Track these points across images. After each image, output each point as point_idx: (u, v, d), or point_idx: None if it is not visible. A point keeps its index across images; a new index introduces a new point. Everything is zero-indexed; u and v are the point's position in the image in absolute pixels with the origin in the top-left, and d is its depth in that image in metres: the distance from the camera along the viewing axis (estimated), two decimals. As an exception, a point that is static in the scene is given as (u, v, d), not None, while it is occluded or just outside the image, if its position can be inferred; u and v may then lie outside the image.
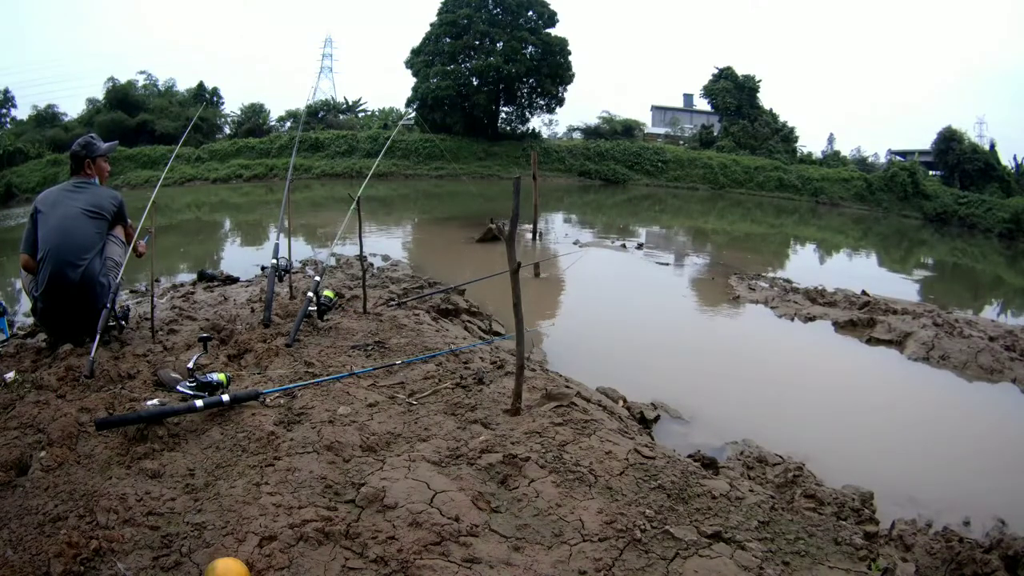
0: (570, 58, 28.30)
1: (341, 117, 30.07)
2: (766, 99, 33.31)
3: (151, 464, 1.25)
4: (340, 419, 1.49)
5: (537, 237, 8.87)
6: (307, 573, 0.89)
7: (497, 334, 3.77)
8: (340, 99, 32.01)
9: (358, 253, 3.82)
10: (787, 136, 31.57)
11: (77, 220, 2.49)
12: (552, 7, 27.15)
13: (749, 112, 30.70)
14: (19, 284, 2.76)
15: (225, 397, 1.53)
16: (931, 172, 29.67)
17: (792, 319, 5.30)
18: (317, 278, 2.85)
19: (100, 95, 29.59)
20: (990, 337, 4.64)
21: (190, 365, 1.83)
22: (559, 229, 11.19)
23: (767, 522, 1.08)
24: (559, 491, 1.13)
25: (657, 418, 2.85)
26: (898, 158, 32.23)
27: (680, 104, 40.14)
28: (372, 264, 5.42)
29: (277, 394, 1.69)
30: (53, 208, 2.49)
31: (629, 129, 32.44)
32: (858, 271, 10.33)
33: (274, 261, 3.01)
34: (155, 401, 1.64)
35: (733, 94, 30.53)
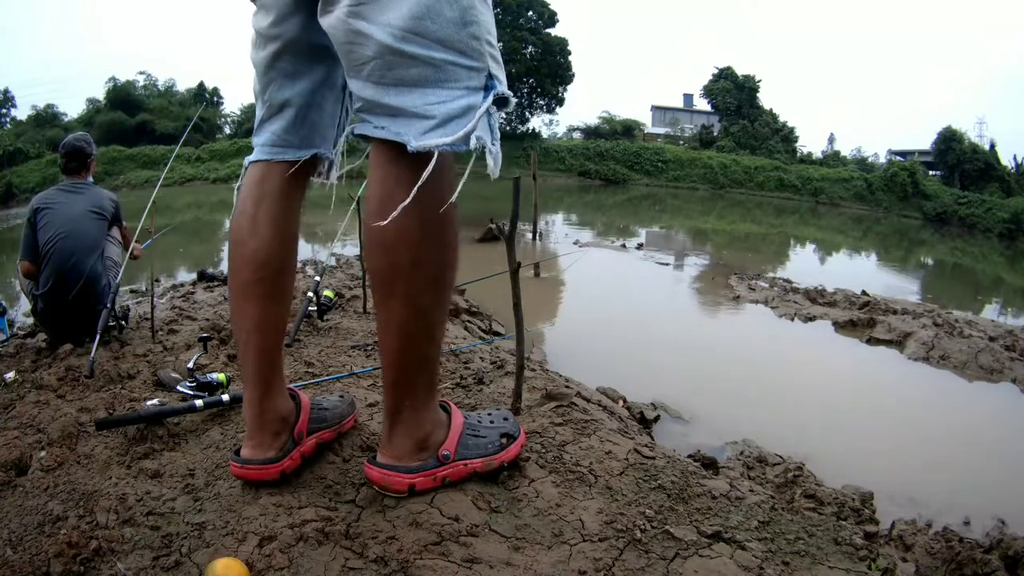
0: (570, 58, 28.30)
1: (341, 117, 30.03)
2: (766, 99, 33.35)
3: (151, 464, 1.25)
4: (340, 419, 1.49)
5: (537, 237, 8.87)
6: (307, 573, 0.88)
7: (497, 334, 3.77)
8: (340, 99, 32.01)
9: (358, 253, 3.82)
10: (787, 136, 31.57)
11: (83, 221, 2.48)
12: (552, 7, 27.13)
13: (749, 112, 30.70)
14: (18, 285, 2.76)
15: (225, 397, 1.52)
16: (931, 172, 29.66)
17: (792, 319, 5.31)
18: (317, 278, 2.85)
19: (100, 95, 29.55)
20: (990, 337, 4.64)
21: (190, 365, 1.83)
22: (559, 229, 11.20)
23: (767, 522, 1.08)
24: (559, 491, 1.13)
25: (657, 418, 2.86)
26: (898, 158, 32.23)
27: (680, 104, 40.14)
28: (372, 264, 5.41)
29: (277, 394, 1.69)
30: (56, 209, 2.47)
31: (629, 129, 32.43)
32: (858, 271, 10.34)
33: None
34: (155, 401, 1.63)
35: (733, 94, 30.53)
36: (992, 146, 29.40)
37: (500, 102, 0.93)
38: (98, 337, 2.15)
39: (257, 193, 1.12)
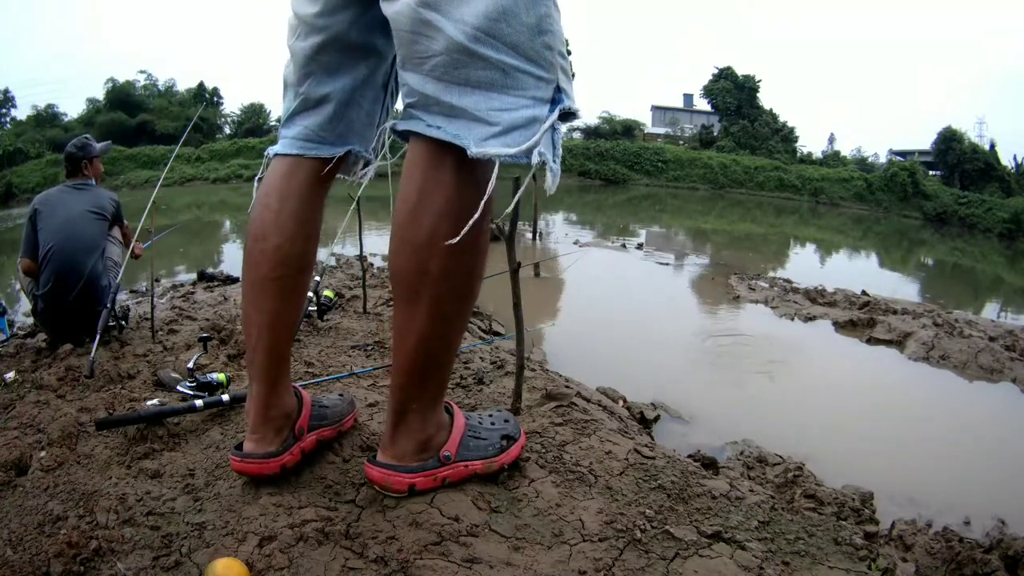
0: (570, 58, 28.22)
1: (341, 117, 30.08)
2: (766, 99, 33.34)
3: (151, 464, 1.25)
4: (340, 419, 1.48)
5: (537, 237, 8.87)
6: (307, 573, 0.88)
7: (497, 334, 3.77)
8: (340, 99, 32.00)
9: (358, 253, 3.82)
10: (787, 136, 31.55)
11: (82, 221, 2.49)
12: (552, 7, 27.04)
13: (749, 112, 30.68)
14: (19, 285, 2.76)
15: (225, 397, 1.52)
16: (931, 172, 29.64)
17: (792, 319, 5.31)
18: (317, 278, 2.85)
19: (100, 95, 29.51)
20: (990, 337, 4.64)
21: (190, 365, 1.83)
22: (559, 229, 11.20)
23: (767, 522, 1.08)
24: (559, 491, 1.13)
25: (657, 418, 2.85)
26: (898, 158, 32.22)
27: (680, 104, 40.11)
28: (372, 264, 5.42)
29: (277, 394, 1.69)
30: (55, 209, 2.48)
31: (629, 129, 32.38)
32: (858, 271, 10.34)
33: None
34: (155, 401, 1.63)
35: (733, 94, 30.52)
36: (992, 146, 29.41)
37: (567, 116, 0.89)
38: (98, 337, 2.16)
39: (284, 188, 1.08)
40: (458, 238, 0.87)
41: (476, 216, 0.89)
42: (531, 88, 0.86)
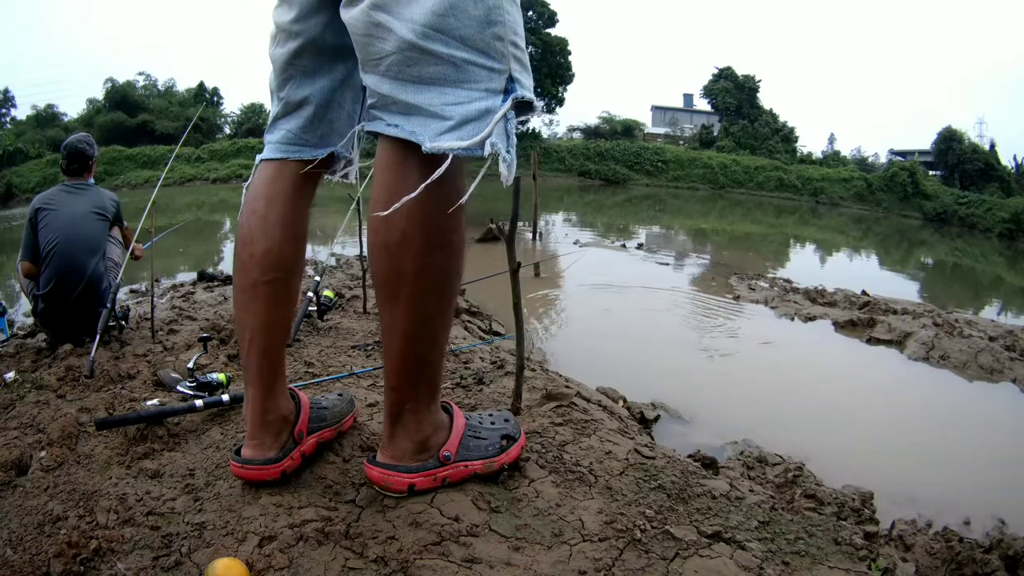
0: (570, 58, 28.27)
1: (341, 117, 30.12)
2: (766, 99, 33.33)
3: (151, 464, 1.25)
4: (340, 419, 1.48)
5: (537, 237, 8.87)
6: (307, 573, 0.88)
7: (497, 334, 3.77)
8: (340, 99, 32.02)
9: (358, 253, 3.82)
10: (787, 136, 31.54)
11: (84, 221, 2.48)
12: (552, 7, 27.09)
13: (749, 112, 30.67)
14: (18, 285, 2.76)
15: (225, 397, 1.52)
16: (931, 172, 29.63)
17: (792, 319, 5.31)
18: (317, 278, 2.85)
19: (100, 95, 29.48)
20: (990, 337, 4.64)
21: (190, 365, 1.83)
22: (559, 229, 11.20)
23: (767, 522, 1.08)
24: (559, 491, 1.13)
25: (657, 418, 2.85)
26: (898, 158, 32.22)
27: (680, 104, 40.13)
28: (372, 264, 5.42)
29: (277, 394, 1.69)
30: (58, 209, 2.47)
31: (629, 129, 32.40)
32: (858, 271, 10.34)
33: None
34: (155, 401, 1.63)
35: (733, 94, 30.51)
36: (992, 146, 29.42)
37: (525, 107, 0.89)
38: (98, 337, 2.15)
39: (269, 192, 1.10)
40: (387, 212, 0.89)
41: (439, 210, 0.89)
42: (483, 80, 0.87)
